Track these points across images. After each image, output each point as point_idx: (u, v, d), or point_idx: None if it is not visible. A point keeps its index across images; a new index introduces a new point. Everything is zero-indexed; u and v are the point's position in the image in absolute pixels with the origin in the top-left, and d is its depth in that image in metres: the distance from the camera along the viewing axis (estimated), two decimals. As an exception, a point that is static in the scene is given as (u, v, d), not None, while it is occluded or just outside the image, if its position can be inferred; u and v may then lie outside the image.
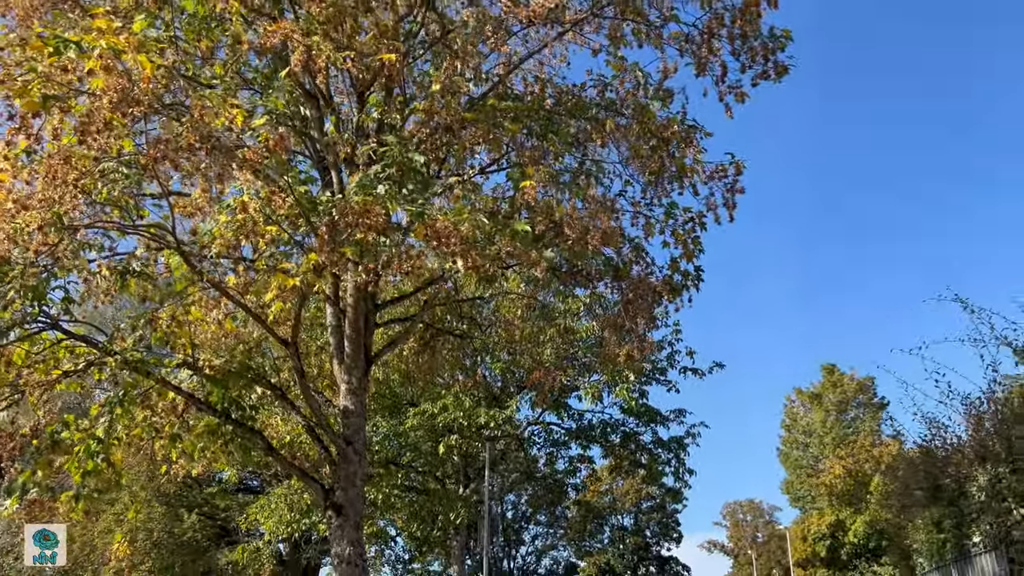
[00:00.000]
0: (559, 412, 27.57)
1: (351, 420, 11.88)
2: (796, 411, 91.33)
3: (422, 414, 23.22)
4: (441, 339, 17.42)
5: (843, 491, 36.44)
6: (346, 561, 10.97)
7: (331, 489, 11.58)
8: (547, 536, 55.02)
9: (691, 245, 13.03)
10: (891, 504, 15.37)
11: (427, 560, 49.84)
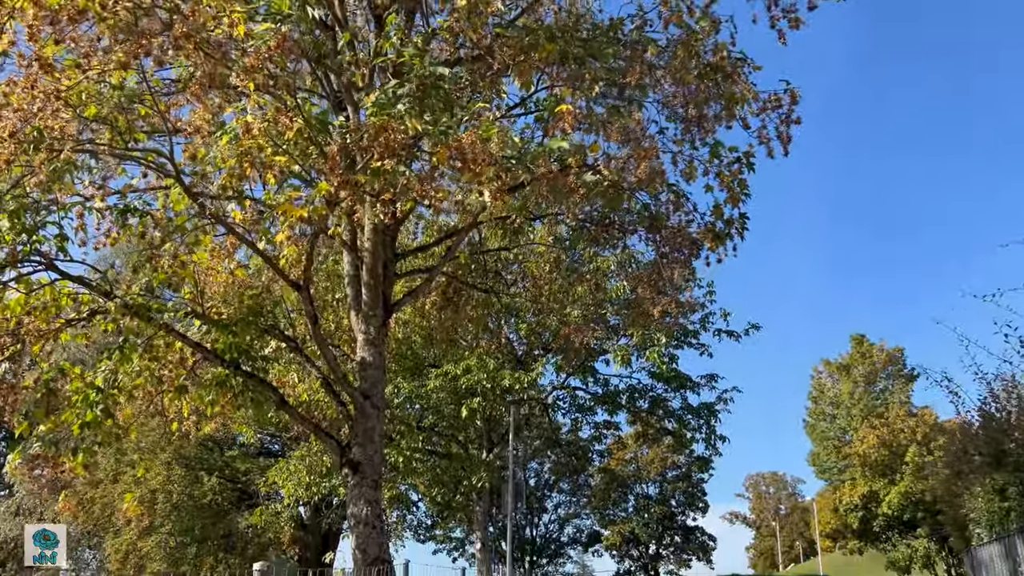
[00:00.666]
0: (585, 376, 26.70)
1: (369, 372, 11.07)
2: (823, 382, 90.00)
3: (444, 376, 22.42)
4: (464, 295, 16.55)
5: (877, 461, 35.40)
6: (363, 522, 10.23)
7: (348, 445, 10.81)
8: (570, 504, 54.49)
9: (737, 188, 11.96)
10: (943, 471, 14.30)
11: (449, 526, 49.59)
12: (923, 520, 33.37)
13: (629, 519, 46.59)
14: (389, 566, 10.12)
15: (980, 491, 12.64)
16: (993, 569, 12.64)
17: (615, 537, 46.31)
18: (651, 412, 27.78)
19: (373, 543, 10.17)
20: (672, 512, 46.71)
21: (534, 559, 52.00)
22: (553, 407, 30.39)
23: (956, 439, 14.24)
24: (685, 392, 27.38)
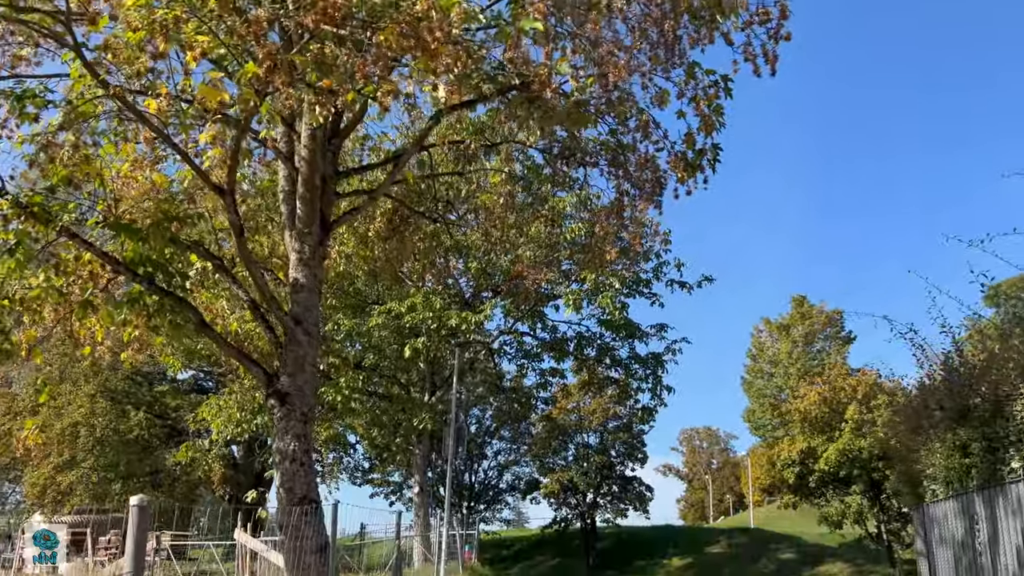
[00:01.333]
0: (533, 322, 25.94)
1: (301, 296, 9.99)
2: (763, 341, 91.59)
3: (387, 313, 21.40)
4: (411, 224, 15.45)
5: (817, 418, 35.64)
6: (289, 458, 9.24)
7: (275, 375, 9.77)
8: (510, 452, 54.39)
9: (711, 115, 11.06)
10: (900, 426, 13.88)
11: (387, 470, 48.93)
12: (858, 477, 33.76)
13: (568, 468, 46.44)
14: (316, 507, 9.19)
15: (939, 447, 12.19)
16: (946, 526, 12.27)
17: (553, 485, 46.13)
18: (598, 360, 27.23)
19: (300, 481, 9.21)
20: (611, 462, 46.68)
21: (472, 505, 51.85)
22: (499, 352, 29.66)
23: (915, 394, 13.81)
24: (633, 342, 26.87)
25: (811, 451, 35.76)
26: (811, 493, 37.29)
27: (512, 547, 55.23)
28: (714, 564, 43.61)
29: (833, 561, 40.54)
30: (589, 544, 47.55)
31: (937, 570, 12.67)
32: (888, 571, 36.36)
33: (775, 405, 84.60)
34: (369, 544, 26.79)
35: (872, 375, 37.09)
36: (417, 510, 26.01)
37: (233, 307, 16.45)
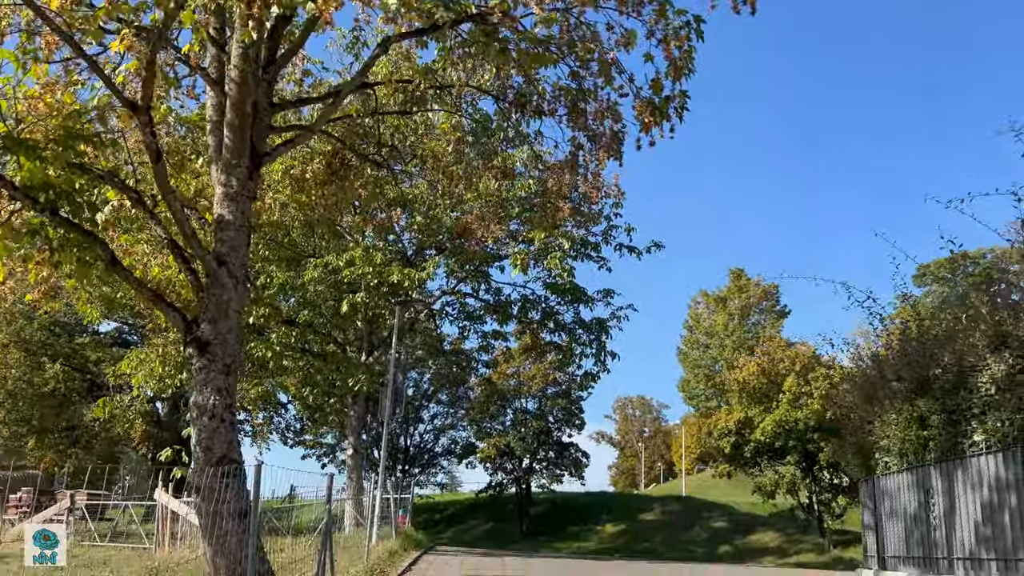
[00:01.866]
0: (477, 282, 25.10)
1: (227, 234, 8.96)
2: (700, 313, 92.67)
3: (324, 267, 20.26)
4: (353, 170, 14.39)
5: (755, 389, 35.89)
6: (208, 413, 8.28)
7: (195, 321, 8.76)
8: (447, 415, 53.81)
9: (681, 59, 10.30)
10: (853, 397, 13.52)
11: (320, 432, 47.82)
12: (793, 448, 34.18)
13: (506, 433, 46.15)
14: (238, 468, 8.27)
15: (895, 419, 11.82)
16: (899, 499, 11.94)
17: (490, 450, 45.83)
18: (542, 324, 26.58)
19: (220, 439, 8.28)
20: (549, 428, 46.54)
21: (406, 468, 51.21)
22: (440, 314, 28.78)
23: (871, 364, 13.47)
24: (579, 306, 26.28)
25: (748, 421, 36.08)
26: (746, 463, 37.73)
27: (445, 511, 54.95)
28: (647, 531, 44.01)
29: (764, 530, 41.26)
30: (523, 509, 47.51)
31: (886, 543, 12.41)
32: (818, 540, 37.10)
33: (709, 376, 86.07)
34: (299, 507, 25.86)
35: (810, 348, 37.53)
36: (350, 473, 25.13)
37: (155, 252, 15.23)
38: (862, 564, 14.18)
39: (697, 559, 36.34)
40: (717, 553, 38.49)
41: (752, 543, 39.91)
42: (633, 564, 22.33)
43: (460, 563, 18.78)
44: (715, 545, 40.28)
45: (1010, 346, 9.74)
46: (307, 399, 22.93)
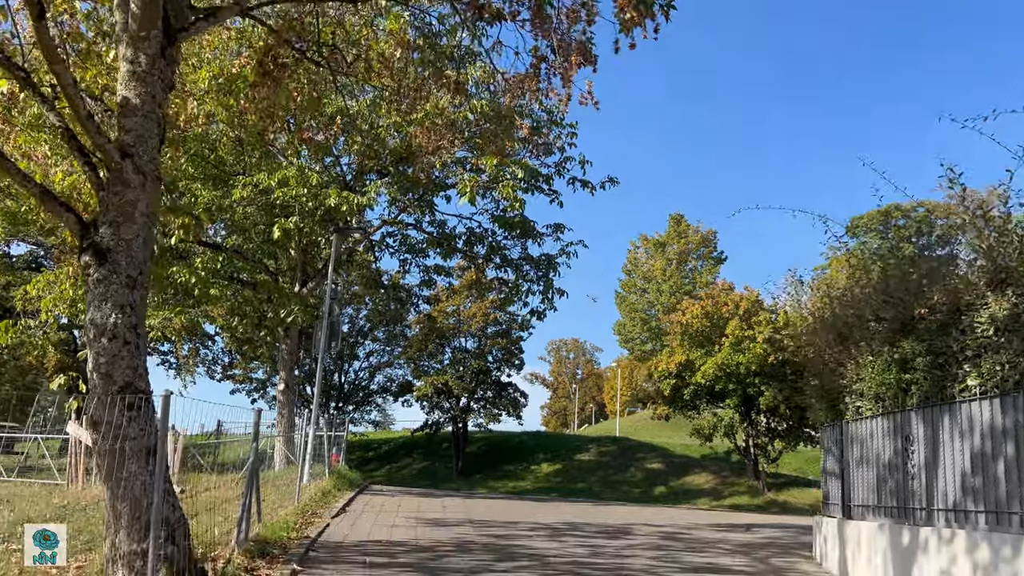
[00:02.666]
0: (422, 212, 23.68)
1: (133, 120, 7.43)
2: (639, 256, 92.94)
3: (254, 187, 18.54)
4: (288, 71, 12.76)
5: (698, 332, 35.58)
6: (108, 333, 6.88)
7: (93, 224, 7.28)
8: (383, 353, 52.62)
9: (672, -54, 9.07)
10: (822, 338, 12.72)
11: (250, 366, 46.10)
12: (734, 392, 34.12)
13: (444, 371, 45.24)
14: (145, 399, 6.93)
15: (872, 361, 11.02)
16: (871, 445, 11.22)
17: (427, 388, 44.90)
18: (488, 259, 25.40)
19: (122, 364, 6.90)
20: (488, 367, 45.81)
21: (340, 405, 50.03)
22: (380, 246, 27.30)
23: (845, 303, 12.68)
24: (527, 242, 25.13)
25: (689, 364, 35.85)
26: (685, 405, 37.67)
27: (379, 449, 54.16)
28: (583, 471, 43.97)
29: (699, 472, 41.56)
30: (459, 447, 46.98)
31: (853, 491, 11.79)
32: (752, 483, 37.49)
33: (646, 320, 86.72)
34: (226, 443, 24.52)
35: (753, 293, 37.32)
36: (281, 409, 23.79)
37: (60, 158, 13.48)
38: (821, 511, 13.64)
39: (633, 499, 36.37)
40: (653, 494, 38.64)
41: (687, 484, 40.18)
42: (575, 506, 21.74)
43: (397, 505, 17.81)
44: (650, 486, 40.47)
45: (1014, 283, 8.96)
46: (236, 330, 21.37)
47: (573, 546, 12.72)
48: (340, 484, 19.73)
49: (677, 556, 12.29)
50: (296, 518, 13.19)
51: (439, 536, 12.88)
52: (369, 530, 13.10)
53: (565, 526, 15.72)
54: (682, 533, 15.74)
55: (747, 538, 15.55)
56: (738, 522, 19.03)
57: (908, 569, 9.59)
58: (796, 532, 16.78)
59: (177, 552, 6.80)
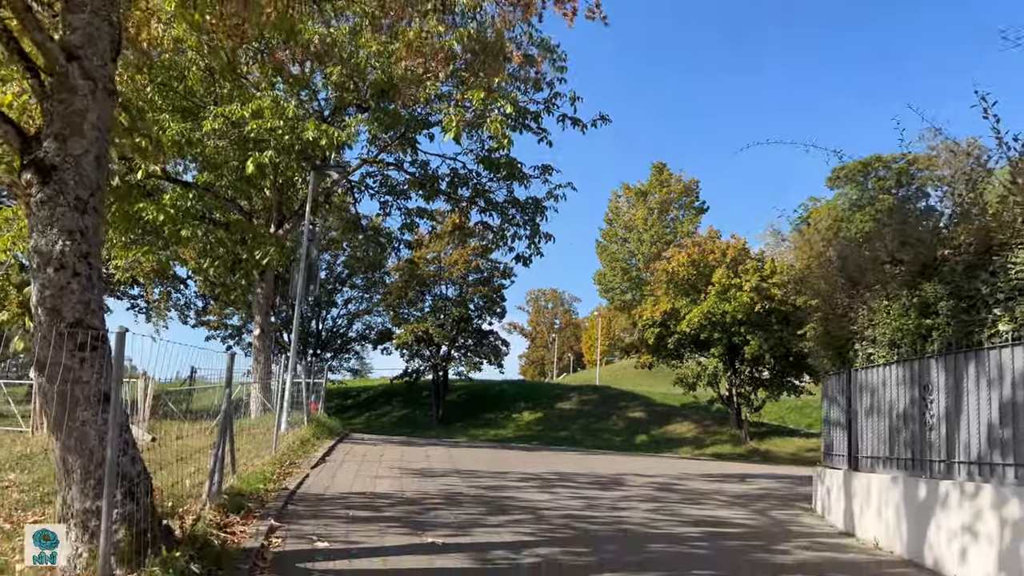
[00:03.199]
0: (404, 149, 22.58)
1: (80, 17, 6.41)
2: (620, 206, 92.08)
3: (226, 119, 17.37)
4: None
5: (685, 280, 34.96)
6: (54, 263, 5.97)
7: (35, 137, 6.32)
8: (362, 301, 51.71)
9: None
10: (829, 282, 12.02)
11: (225, 312, 45.04)
12: (719, 340, 33.72)
13: (424, 319, 44.52)
14: (97, 336, 6.06)
15: (887, 305, 10.34)
16: (884, 394, 10.62)
17: (407, 336, 44.23)
18: (472, 202, 24.46)
19: (71, 299, 6.01)
20: (469, 315, 45.13)
21: (317, 352, 49.24)
22: (359, 186, 26.23)
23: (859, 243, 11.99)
24: (513, 184, 24.17)
25: (674, 313, 35.34)
26: (669, 354, 37.29)
27: (358, 397, 53.64)
28: (564, 419, 43.75)
29: (681, 421, 41.46)
30: (440, 396, 46.54)
31: (861, 442, 11.23)
32: (734, 432, 37.38)
33: (626, 270, 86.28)
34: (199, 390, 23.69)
35: (741, 241, 36.73)
36: (257, 355, 22.93)
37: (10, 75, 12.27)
38: (821, 462, 13.15)
39: (615, 448, 36.17)
40: (634, 442, 38.49)
41: (669, 433, 40.09)
42: (562, 456, 21.27)
43: (380, 454, 17.17)
44: (632, 434, 40.33)
45: (1054, 221, 8.28)
46: (207, 272, 20.36)
47: (566, 498, 12.14)
48: (319, 432, 19.05)
49: (674, 508, 11.76)
50: (273, 468, 12.47)
51: (426, 487, 12.23)
52: (351, 481, 12.42)
53: (555, 476, 15.17)
54: (675, 484, 15.26)
55: (742, 489, 15.10)
56: (728, 472, 18.63)
57: (924, 524, 9.05)
58: (791, 483, 16.38)
59: (138, 510, 6.02)
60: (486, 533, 8.70)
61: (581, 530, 9.35)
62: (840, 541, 10.13)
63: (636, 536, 9.26)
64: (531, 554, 7.75)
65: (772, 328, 32.99)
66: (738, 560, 8.32)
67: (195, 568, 6.00)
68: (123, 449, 6.08)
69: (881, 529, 10.03)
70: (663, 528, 9.95)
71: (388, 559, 7.19)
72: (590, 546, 8.41)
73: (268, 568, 6.69)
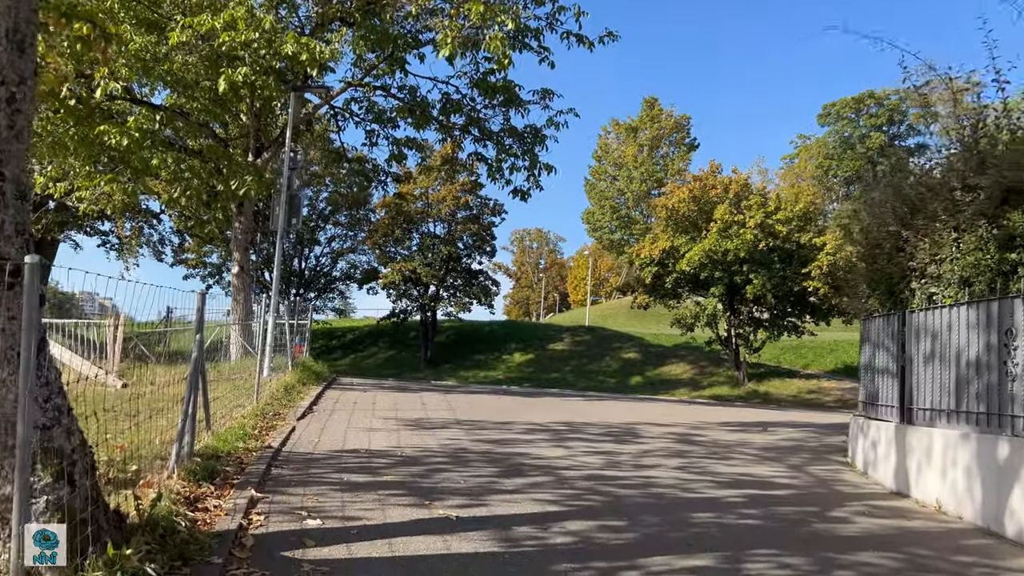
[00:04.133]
0: (393, 70, 20.75)
1: None
2: (609, 142, 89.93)
3: (195, 29, 15.50)
4: None
5: (685, 216, 33.54)
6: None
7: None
8: (346, 239, 50.04)
9: None
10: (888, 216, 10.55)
11: (203, 250, 43.27)
12: (719, 280, 32.51)
13: (411, 258, 42.99)
14: (12, 270, 4.56)
15: (957, 239, 8.97)
16: (950, 340, 9.34)
17: (394, 275, 42.73)
18: (466, 130, 22.77)
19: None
20: (458, 254, 43.62)
21: (301, 292, 47.77)
22: (344, 113, 24.41)
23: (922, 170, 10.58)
24: (510, 111, 22.46)
25: (673, 251, 34.04)
26: (666, 294, 36.12)
27: (343, 337, 52.36)
28: (556, 360, 42.74)
29: (676, 362, 40.56)
30: (428, 337, 45.34)
31: (917, 393, 9.98)
32: (731, 373, 36.51)
33: (615, 208, 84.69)
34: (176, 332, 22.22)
35: (743, 176, 35.28)
36: (236, 294, 21.41)
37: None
38: (859, 412, 11.97)
39: (609, 389, 35.26)
40: (629, 384, 37.61)
41: (664, 375, 39.22)
42: (567, 403, 20.09)
43: (372, 402, 15.90)
44: (626, 376, 39.43)
45: None
46: (179, 202, 18.67)
47: (582, 453, 10.92)
48: (305, 378, 17.75)
49: (704, 466, 10.57)
50: (255, 421, 11.15)
51: (427, 443, 10.96)
52: (343, 436, 11.13)
53: (564, 427, 13.97)
54: (695, 435, 14.09)
55: (768, 440, 13.96)
56: (746, 420, 17.51)
57: (1007, 487, 7.86)
58: (817, 432, 15.29)
59: (74, 495, 4.64)
60: (504, 502, 7.43)
61: (610, 496, 8.11)
62: (897, 504, 8.97)
63: (674, 503, 8.04)
64: (561, 530, 6.50)
65: (774, 266, 31.82)
66: (799, 532, 7.12)
67: (151, 569, 4.65)
68: (54, 418, 4.68)
69: (945, 491, 8.86)
70: (700, 491, 8.74)
71: (394, 542, 5.89)
72: (625, 517, 7.17)
73: (246, 560, 5.36)
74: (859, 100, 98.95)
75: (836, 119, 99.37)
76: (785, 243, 31.32)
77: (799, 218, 31.96)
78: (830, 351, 41.89)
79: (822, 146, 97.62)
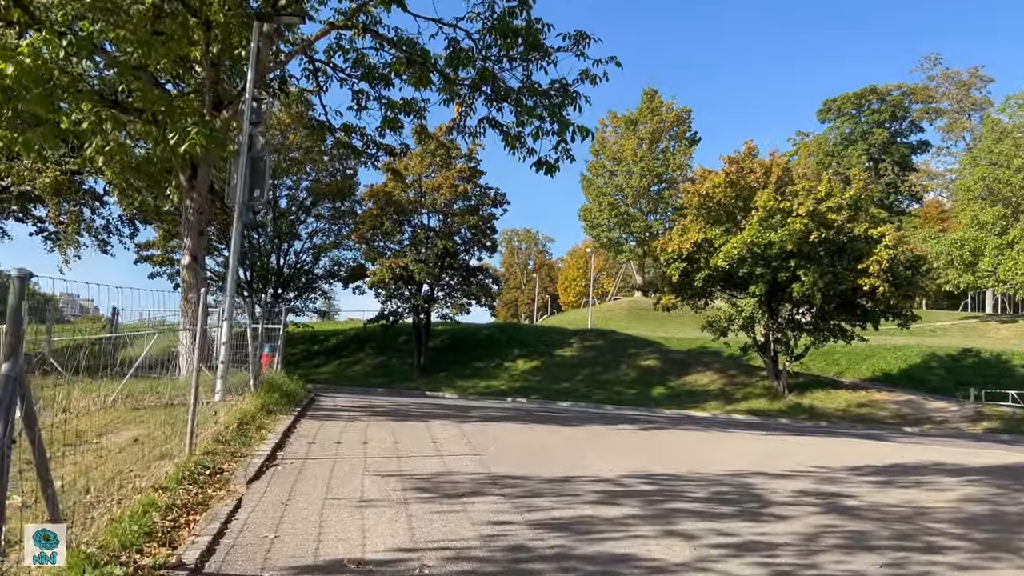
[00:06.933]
0: (387, 5, 16.27)
1: None
2: (607, 137, 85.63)
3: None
4: None
5: (720, 204, 29.23)
6: None
7: None
8: (329, 233, 45.33)
9: None
10: None
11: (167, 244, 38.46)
12: (761, 277, 28.22)
13: (403, 253, 38.39)
14: None
15: None
16: None
17: (384, 273, 38.07)
18: (476, 89, 18.35)
19: None
20: (455, 249, 39.05)
21: (278, 292, 43.00)
22: (326, 67, 19.83)
23: None
24: (531, 64, 18.03)
25: (706, 244, 29.72)
26: (695, 293, 31.78)
27: (325, 342, 47.74)
28: (566, 368, 38.26)
29: (701, 371, 36.19)
30: (421, 341, 40.78)
31: None
32: (768, 384, 32.18)
33: (614, 205, 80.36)
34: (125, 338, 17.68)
35: (783, 159, 31.02)
36: (187, 292, 16.81)
37: None
38: None
39: (628, 402, 30.99)
40: (651, 396, 33.20)
41: (689, 384, 34.84)
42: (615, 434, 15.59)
43: (362, 440, 11.37)
44: (646, 387, 35.00)
45: None
46: (94, 161, 14.01)
47: (713, 548, 6.41)
48: (272, 402, 13.21)
49: (914, 569, 6.11)
50: (175, 494, 6.60)
51: (459, 534, 6.41)
52: (318, 524, 6.55)
53: (647, 483, 9.42)
54: (839, 495, 9.56)
55: (946, 501, 9.45)
56: (870, 462, 12.96)
57: None
58: (992, 483, 10.83)
59: None
60: None
61: None
62: None
63: None
64: None
65: (822, 261, 27.58)
66: None
67: None
68: None
69: None
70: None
71: None
72: None
73: None
74: (860, 95, 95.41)
75: (837, 115, 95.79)
76: (839, 234, 27.15)
77: (849, 206, 27.76)
78: (865, 357, 37.72)
79: (822, 143, 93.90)
